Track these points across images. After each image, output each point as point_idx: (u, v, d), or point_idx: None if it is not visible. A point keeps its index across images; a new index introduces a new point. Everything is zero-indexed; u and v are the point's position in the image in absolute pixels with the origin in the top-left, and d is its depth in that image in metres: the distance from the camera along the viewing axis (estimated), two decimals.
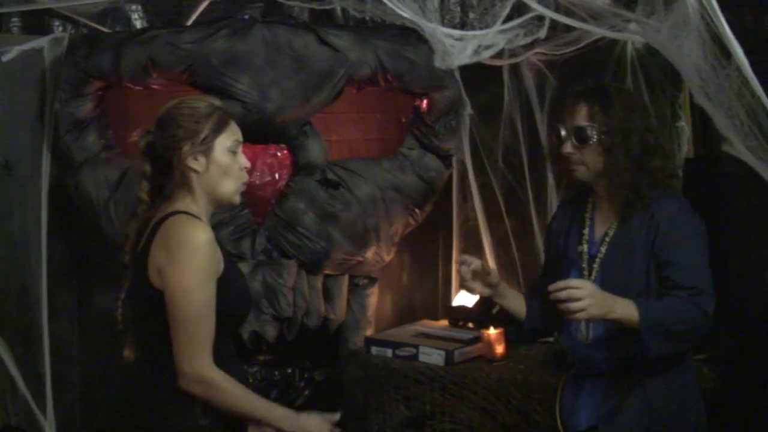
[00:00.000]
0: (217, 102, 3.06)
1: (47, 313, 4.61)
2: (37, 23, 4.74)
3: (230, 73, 4.25)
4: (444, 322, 5.18)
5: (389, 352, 4.63)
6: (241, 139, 3.06)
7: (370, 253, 4.69)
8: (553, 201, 5.00)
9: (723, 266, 3.70)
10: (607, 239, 3.32)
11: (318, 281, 4.65)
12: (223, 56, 4.26)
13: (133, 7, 4.91)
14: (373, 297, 4.96)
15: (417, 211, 4.83)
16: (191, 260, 2.84)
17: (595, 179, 3.32)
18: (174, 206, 2.96)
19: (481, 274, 3.35)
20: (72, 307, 4.87)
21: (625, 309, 3.08)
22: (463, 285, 3.40)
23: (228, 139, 3.00)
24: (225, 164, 2.98)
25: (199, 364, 2.83)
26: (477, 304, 5.14)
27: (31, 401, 4.53)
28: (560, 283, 3.06)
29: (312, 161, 4.46)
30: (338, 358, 4.92)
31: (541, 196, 5.07)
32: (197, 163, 2.95)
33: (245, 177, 3.08)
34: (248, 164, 3.09)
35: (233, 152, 3.01)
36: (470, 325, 5.01)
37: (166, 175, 2.99)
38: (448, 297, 5.47)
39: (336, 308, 4.74)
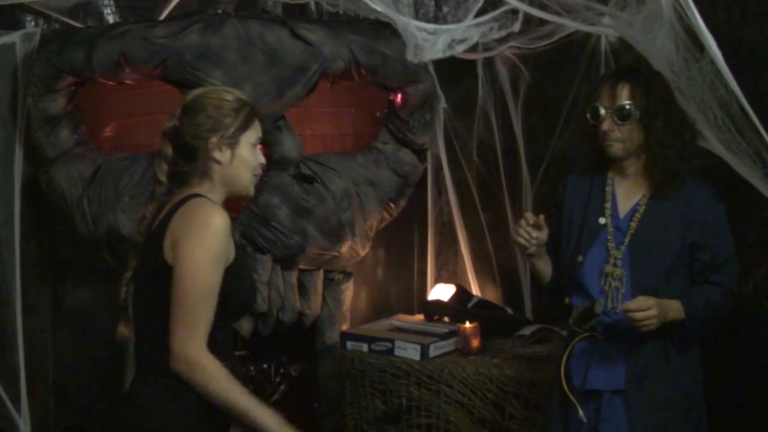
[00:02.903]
0: (244, 96, 3.12)
1: (21, 310, 4.58)
2: (8, 18, 4.70)
3: (203, 68, 4.23)
4: (419, 317, 5.17)
5: (365, 347, 4.63)
6: (261, 135, 3.13)
7: (345, 248, 4.68)
8: (528, 194, 5.01)
9: None
10: (638, 215, 3.45)
11: (293, 276, 4.64)
12: (196, 51, 4.24)
13: (106, 1, 4.89)
14: (348, 292, 4.96)
15: (392, 205, 4.83)
16: (205, 241, 2.87)
17: (628, 156, 3.47)
18: (193, 190, 3.01)
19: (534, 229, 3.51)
20: (46, 303, 4.85)
21: (675, 313, 3.31)
22: (520, 239, 3.51)
23: (253, 136, 3.07)
24: (248, 159, 3.05)
25: (192, 345, 2.83)
26: (452, 298, 5.15)
27: (6, 399, 4.51)
28: (631, 305, 3.24)
29: (286, 156, 4.45)
30: (314, 353, 4.92)
31: (515, 190, 5.08)
32: (222, 156, 3.00)
33: (259, 172, 3.17)
34: (264, 160, 3.16)
35: (254, 148, 3.08)
36: (446, 319, 5.01)
37: (188, 160, 3.03)
38: (423, 291, 5.47)
39: (311, 303, 4.74)
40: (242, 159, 3.03)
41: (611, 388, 3.43)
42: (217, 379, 2.87)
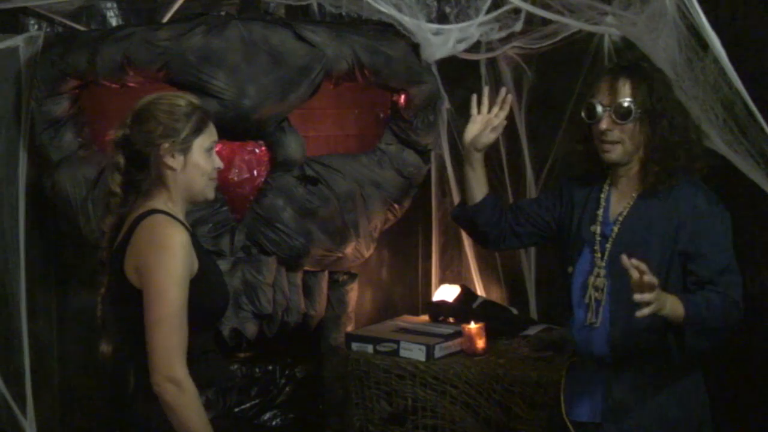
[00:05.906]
0: (196, 100, 3.08)
1: (26, 313, 4.58)
2: (11, 22, 4.69)
3: (207, 70, 4.23)
4: (424, 318, 5.18)
5: (370, 348, 4.63)
6: (216, 139, 3.08)
7: (349, 249, 4.68)
8: (532, 194, 5.02)
9: None
10: (621, 218, 3.20)
11: (297, 278, 4.64)
12: (199, 53, 4.24)
13: (109, 4, 4.88)
14: (353, 293, 4.96)
15: (396, 206, 4.83)
16: (168, 262, 2.84)
17: (627, 161, 3.19)
18: (152, 204, 2.97)
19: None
20: (51, 306, 4.84)
21: (673, 305, 2.92)
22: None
23: (206, 140, 3.02)
24: (201, 165, 3.01)
25: (177, 366, 2.82)
26: (457, 299, 5.15)
27: (11, 401, 4.51)
28: (633, 260, 2.83)
29: (290, 157, 4.45)
30: (319, 354, 4.92)
31: (519, 190, 5.07)
32: (175, 162, 2.97)
33: (216, 176, 3.10)
34: (221, 165, 3.11)
35: (209, 153, 3.04)
36: (451, 320, 5.01)
37: (141, 169, 2.99)
38: (428, 292, 5.48)
39: (316, 304, 4.74)
40: (195, 164, 3.00)
41: (592, 420, 3.23)
42: (197, 404, 2.86)
